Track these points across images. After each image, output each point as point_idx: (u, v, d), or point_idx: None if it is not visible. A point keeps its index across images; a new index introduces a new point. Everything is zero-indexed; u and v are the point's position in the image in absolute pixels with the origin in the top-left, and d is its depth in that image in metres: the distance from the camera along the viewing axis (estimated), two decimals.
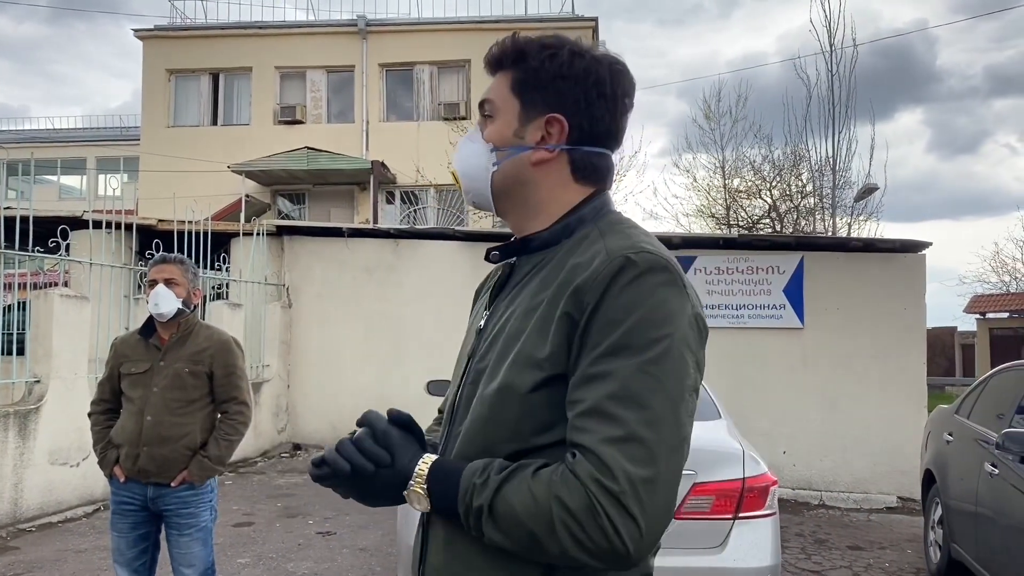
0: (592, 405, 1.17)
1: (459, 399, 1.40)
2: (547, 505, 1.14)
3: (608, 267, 1.22)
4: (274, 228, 11.37)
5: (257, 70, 20.94)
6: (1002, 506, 4.95)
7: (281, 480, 9.06)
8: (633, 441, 1.14)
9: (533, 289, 1.34)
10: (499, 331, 1.36)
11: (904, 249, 9.55)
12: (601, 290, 1.21)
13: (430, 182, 19.37)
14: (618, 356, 1.18)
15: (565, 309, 1.24)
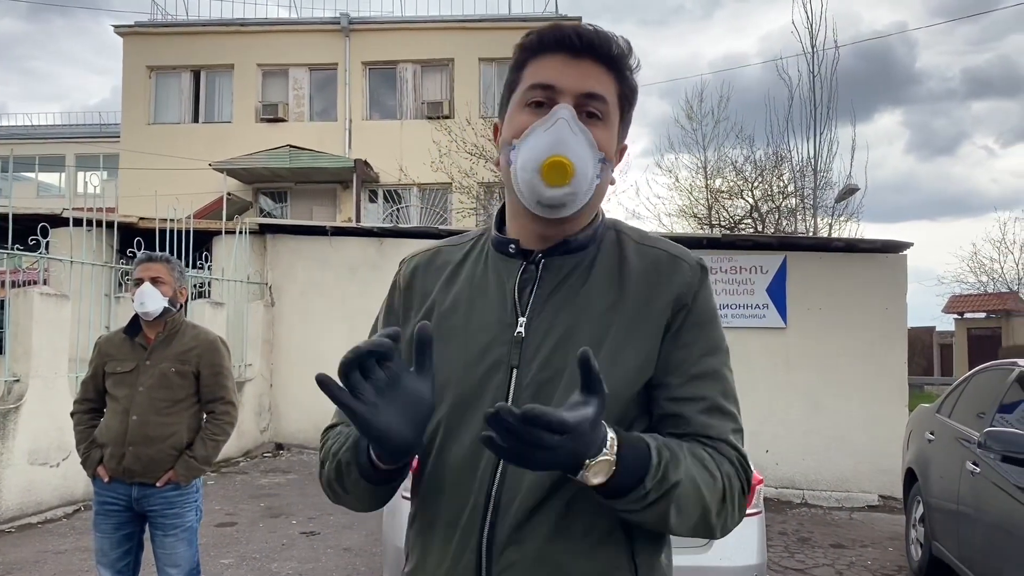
0: (713, 403, 1.31)
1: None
2: (721, 483, 1.25)
3: (696, 275, 1.36)
4: (257, 226, 11.30)
5: (239, 68, 20.81)
6: (984, 504, 5.00)
7: (264, 480, 9.01)
8: (742, 432, 1.35)
9: (591, 294, 1.34)
10: (563, 339, 1.30)
11: (886, 249, 9.62)
12: (693, 296, 1.34)
13: (413, 181, 19.33)
14: (713, 355, 1.34)
15: (666, 316, 1.32)
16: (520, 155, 1.31)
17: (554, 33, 1.33)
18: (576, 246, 1.37)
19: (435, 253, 1.52)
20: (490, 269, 1.42)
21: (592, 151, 1.30)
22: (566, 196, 1.29)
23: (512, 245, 1.40)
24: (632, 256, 1.37)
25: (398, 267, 1.56)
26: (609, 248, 1.39)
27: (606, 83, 1.33)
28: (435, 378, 1.28)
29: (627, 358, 1.29)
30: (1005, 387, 5.53)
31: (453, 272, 1.46)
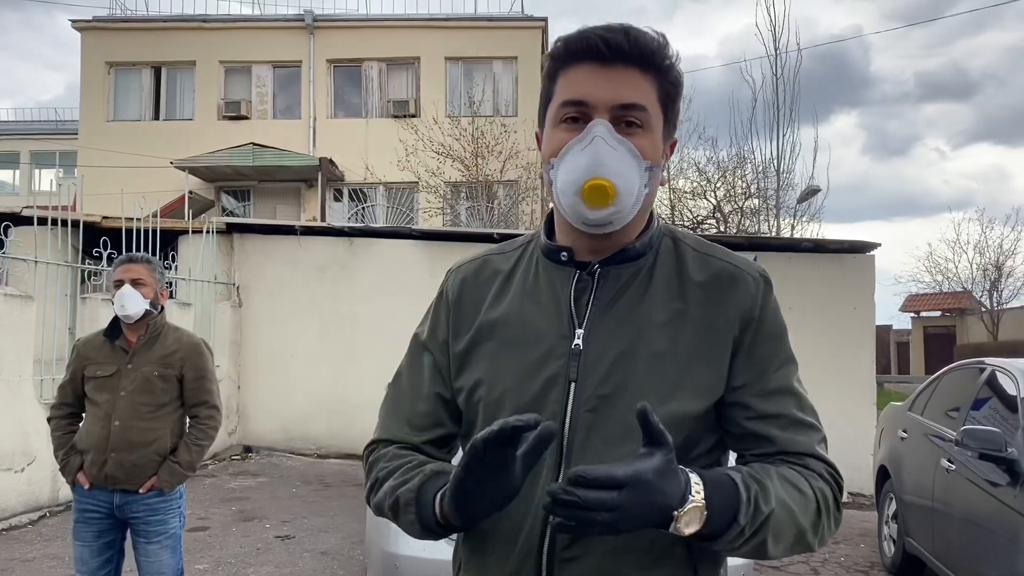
0: (795, 418, 1.30)
1: (572, 430, 1.25)
2: (814, 500, 1.24)
3: (761, 288, 1.32)
4: (224, 226, 11.12)
5: (201, 64, 20.50)
6: (959, 501, 5.08)
7: (234, 483, 8.88)
8: (825, 440, 1.33)
9: (651, 305, 1.29)
10: (625, 353, 1.26)
11: (853, 250, 9.77)
12: (760, 309, 1.31)
13: (379, 180, 19.20)
14: (785, 367, 1.32)
15: (733, 331, 1.29)
16: (559, 176, 1.26)
17: (580, 41, 1.26)
18: (633, 254, 1.33)
19: (482, 263, 1.46)
20: (542, 278, 1.37)
21: (636, 162, 1.25)
22: (611, 216, 1.26)
23: (564, 253, 1.34)
24: (692, 265, 1.33)
25: (445, 277, 1.50)
26: (667, 256, 1.34)
27: (643, 87, 1.26)
28: (489, 390, 1.31)
29: (695, 377, 1.26)
30: (977, 386, 5.64)
31: (504, 283, 1.40)
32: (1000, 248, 30.30)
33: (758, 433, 1.28)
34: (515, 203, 18.18)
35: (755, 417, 1.28)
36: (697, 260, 1.34)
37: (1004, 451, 4.54)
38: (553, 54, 1.31)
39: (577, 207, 1.25)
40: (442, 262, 10.04)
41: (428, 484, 1.26)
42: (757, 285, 1.31)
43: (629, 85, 1.25)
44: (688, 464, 1.19)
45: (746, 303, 1.29)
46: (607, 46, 1.24)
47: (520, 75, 20.46)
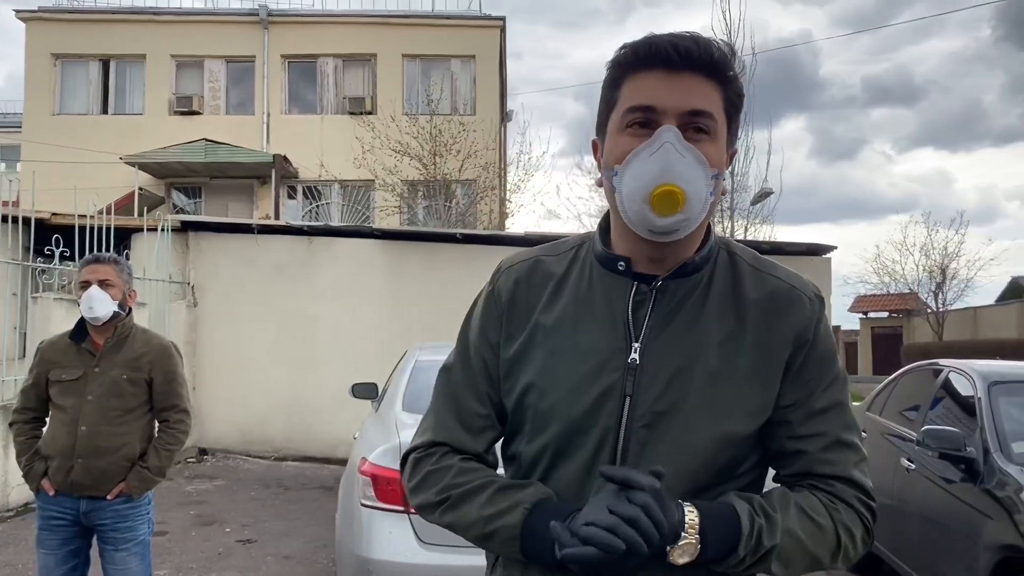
0: (836, 438, 1.31)
1: (624, 443, 1.27)
2: (833, 532, 1.25)
3: (815, 309, 1.33)
4: (179, 224, 10.90)
5: (151, 57, 20.08)
6: (919, 499, 5.21)
7: (190, 487, 8.71)
8: (865, 460, 1.33)
9: (708, 322, 1.30)
10: (681, 371, 1.27)
11: (811, 252, 9.96)
12: (813, 331, 1.31)
13: (335, 177, 19.00)
14: (832, 388, 1.32)
15: (786, 353, 1.30)
16: (625, 182, 1.24)
17: (650, 47, 1.25)
18: (692, 269, 1.32)
19: (535, 263, 1.43)
20: (596, 286, 1.35)
21: (703, 170, 1.23)
22: (679, 223, 1.24)
23: (622, 263, 1.33)
24: (748, 282, 1.33)
25: (494, 274, 1.47)
26: (723, 271, 1.34)
27: (711, 95, 1.26)
28: (540, 398, 1.31)
29: (749, 398, 1.28)
30: (935, 387, 5.77)
31: (557, 286, 1.38)
32: (945, 251, 31.14)
33: (798, 451, 1.31)
34: (473, 202, 18.14)
35: (797, 436, 1.30)
36: (753, 277, 1.34)
37: (963, 450, 4.66)
38: (619, 60, 1.30)
39: (645, 214, 1.23)
40: (404, 262, 10.01)
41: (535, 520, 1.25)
42: (812, 307, 1.32)
43: (698, 92, 1.25)
44: (731, 480, 1.28)
45: (800, 325, 1.30)
46: (677, 52, 1.23)
47: (478, 74, 20.43)
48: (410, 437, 1.46)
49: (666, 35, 1.26)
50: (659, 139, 1.22)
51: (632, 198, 1.24)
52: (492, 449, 1.44)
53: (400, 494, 3.98)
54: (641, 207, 1.23)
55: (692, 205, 1.23)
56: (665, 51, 1.24)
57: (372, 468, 4.06)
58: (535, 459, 1.33)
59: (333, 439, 9.87)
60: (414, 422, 4.56)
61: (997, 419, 4.73)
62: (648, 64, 1.26)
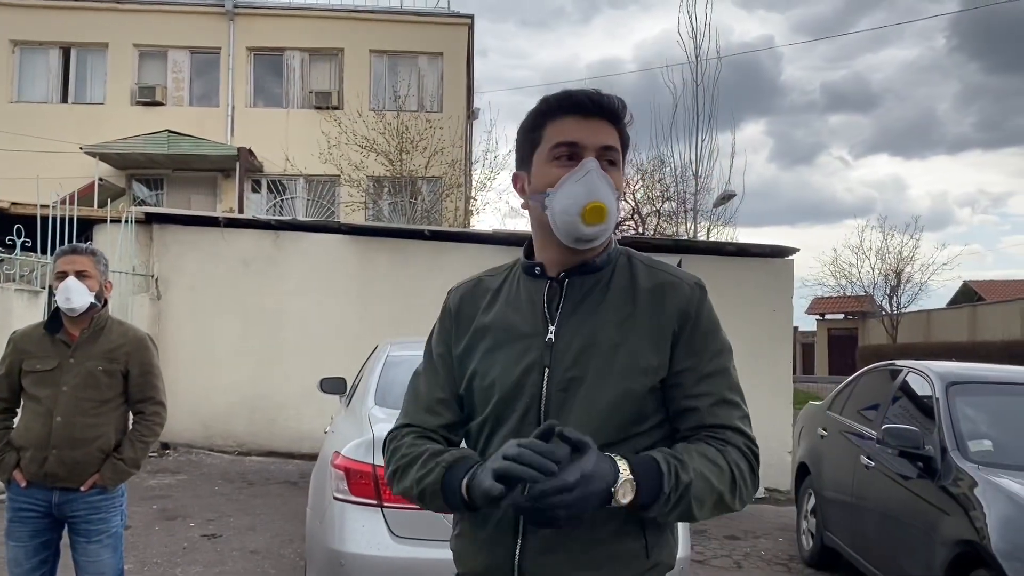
0: (721, 396, 1.61)
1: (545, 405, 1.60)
2: (729, 470, 1.53)
3: (695, 293, 1.65)
4: (143, 215, 10.76)
5: (114, 46, 19.75)
6: (878, 495, 5.36)
7: (153, 481, 8.62)
8: (747, 417, 1.64)
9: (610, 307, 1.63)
10: (588, 344, 1.60)
11: (774, 254, 10.12)
12: (696, 310, 1.64)
13: (300, 172, 18.85)
14: (719, 356, 1.64)
15: (672, 326, 1.62)
16: (557, 202, 1.59)
17: (570, 99, 1.62)
18: (594, 267, 1.67)
19: (477, 283, 1.81)
20: (522, 289, 1.71)
21: (614, 192, 1.60)
22: (601, 232, 1.59)
23: (537, 268, 1.69)
24: (642, 277, 1.67)
25: (447, 297, 1.84)
26: (622, 269, 1.68)
27: (614, 136, 1.64)
28: (483, 378, 1.67)
29: (643, 360, 1.58)
30: (894, 387, 5.94)
31: (493, 296, 1.75)
32: (899, 255, 31.80)
33: (690, 408, 1.60)
34: (439, 199, 18.13)
35: (689, 395, 1.60)
36: (646, 272, 1.68)
37: (922, 448, 4.81)
38: (541, 109, 1.65)
39: (575, 225, 1.57)
40: (371, 257, 9.99)
41: (449, 476, 1.58)
42: (692, 292, 1.65)
43: (606, 133, 1.63)
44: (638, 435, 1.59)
45: (682, 304, 1.62)
46: (591, 102, 1.61)
47: (445, 71, 20.41)
48: (383, 431, 1.84)
49: (579, 90, 1.63)
50: (585, 167, 1.59)
51: (566, 212, 1.58)
52: (457, 431, 1.76)
53: (372, 488, 4.01)
54: (574, 220, 1.57)
55: (611, 218, 1.59)
56: (582, 101, 1.61)
57: (345, 462, 4.08)
58: (479, 430, 1.69)
59: (298, 434, 9.84)
60: (386, 416, 4.61)
61: (954, 418, 4.88)
62: (568, 111, 1.62)
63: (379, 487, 3.98)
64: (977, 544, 4.05)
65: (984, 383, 5.46)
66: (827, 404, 7.08)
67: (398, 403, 5.40)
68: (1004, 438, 4.88)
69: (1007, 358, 17.31)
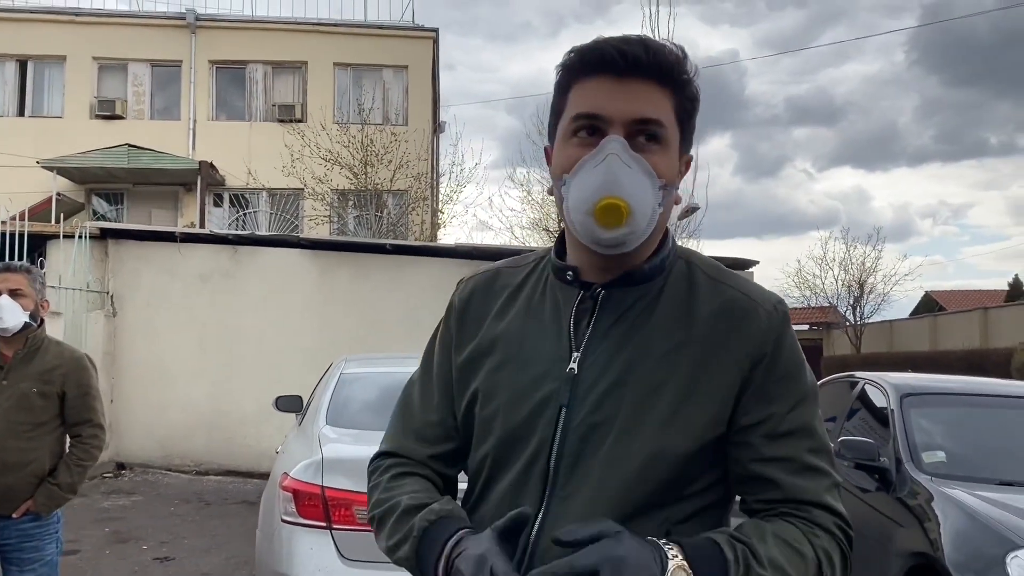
0: (805, 462, 1.22)
1: (556, 455, 1.23)
2: (815, 559, 1.17)
3: (773, 322, 1.24)
4: (97, 231, 10.57)
5: (72, 59, 19.45)
6: None
7: (106, 503, 8.42)
8: (838, 486, 1.26)
9: (653, 333, 1.24)
10: (618, 382, 1.22)
11: (735, 267, 10.12)
12: (773, 345, 1.23)
13: (263, 185, 18.67)
14: (802, 407, 1.24)
15: (737, 370, 1.21)
16: (571, 193, 1.21)
17: (596, 52, 1.21)
18: (640, 278, 1.27)
19: (494, 275, 1.41)
20: (548, 295, 1.33)
21: (650, 181, 1.19)
22: (624, 236, 1.20)
23: (570, 272, 1.29)
24: (704, 293, 1.26)
25: (455, 288, 1.45)
26: (678, 281, 1.28)
27: (660, 101, 1.22)
28: (484, 404, 1.30)
29: (691, 412, 1.20)
30: (851, 399, 5.95)
31: (511, 296, 1.36)
32: (863, 266, 32.16)
33: (762, 476, 1.22)
34: (405, 213, 18.04)
35: (760, 459, 1.22)
36: (709, 287, 1.27)
37: (877, 460, 4.81)
38: (565, 65, 1.25)
39: (589, 226, 1.19)
40: (332, 272, 9.89)
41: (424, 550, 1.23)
42: (771, 320, 1.24)
43: (646, 99, 1.20)
44: (678, 501, 1.21)
45: (757, 339, 1.22)
46: (624, 58, 1.19)
47: (411, 84, 20.36)
48: (333, 452, 1.49)
49: (615, 38, 1.21)
50: (603, 150, 1.18)
51: (577, 210, 1.20)
52: (456, 462, 1.41)
53: (321, 510, 3.92)
54: (586, 219, 1.19)
55: (637, 219, 1.19)
56: (611, 56, 1.19)
57: (293, 483, 3.99)
58: (478, 469, 1.32)
59: (256, 452, 9.68)
60: (338, 436, 4.52)
61: (908, 430, 4.90)
62: (595, 70, 1.21)
63: (328, 509, 3.88)
64: (931, 556, 4.04)
65: (938, 394, 5.49)
66: None
67: (352, 422, 5.31)
68: (958, 449, 4.90)
69: (967, 367, 17.56)
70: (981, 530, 3.96)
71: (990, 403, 5.46)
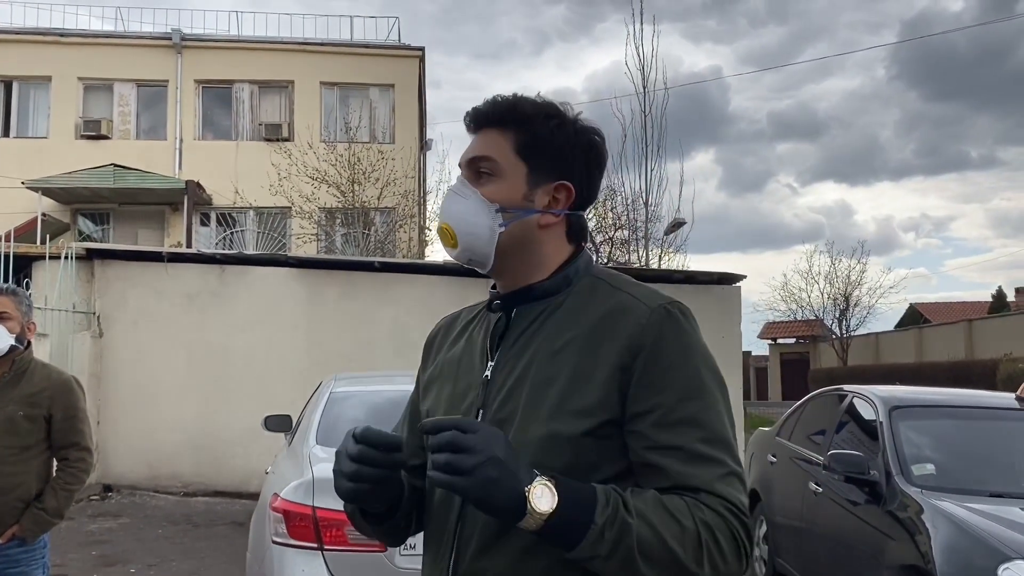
0: (694, 451, 1.28)
1: None
2: (695, 530, 1.22)
3: (658, 317, 1.34)
4: (83, 251, 10.51)
5: (57, 80, 19.41)
6: (826, 521, 5.37)
7: (93, 526, 8.33)
8: (733, 475, 1.29)
9: (548, 336, 1.39)
10: (519, 380, 1.38)
11: (722, 281, 10.22)
12: (653, 339, 1.32)
13: (250, 204, 18.64)
14: (692, 400, 1.31)
15: (616, 359, 1.32)
16: None
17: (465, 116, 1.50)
18: (541, 293, 1.44)
19: (458, 315, 1.65)
20: (483, 324, 1.54)
21: (483, 205, 1.41)
22: (465, 255, 1.44)
23: (498, 300, 1.50)
24: (600, 299, 1.40)
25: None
26: (580, 293, 1.43)
27: (498, 142, 1.44)
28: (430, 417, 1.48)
29: (577, 397, 1.31)
30: (839, 412, 5.98)
31: (462, 330, 1.59)
32: (848, 279, 32.37)
33: (653, 464, 1.29)
34: (392, 230, 18.03)
35: (651, 447, 1.29)
36: (607, 293, 1.41)
37: (867, 474, 4.83)
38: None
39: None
40: (320, 290, 9.85)
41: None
42: (652, 315, 1.34)
43: (483, 143, 1.45)
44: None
45: (636, 331, 1.32)
46: (469, 116, 1.48)
47: (397, 103, 20.41)
48: (324, 472, 1.69)
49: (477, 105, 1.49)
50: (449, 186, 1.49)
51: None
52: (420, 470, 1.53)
53: (312, 531, 3.89)
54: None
55: (468, 238, 1.42)
56: (466, 117, 1.49)
57: (284, 504, 3.97)
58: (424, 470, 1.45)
59: (245, 473, 9.59)
60: (329, 456, 4.49)
61: (898, 443, 4.92)
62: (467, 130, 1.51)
63: (319, 530, 3.86)
64: (922, 569, 4.06)
65: (927, 407, 5.52)
66: (776, 430, 7.12)
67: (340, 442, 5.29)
68: (947, 461, 4.93)
69: (952, 379, 17.65)
70: (972, 542, 3.97)
71: (978, 415, 5.49)
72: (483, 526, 1.33)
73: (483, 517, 1.30)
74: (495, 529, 1.31)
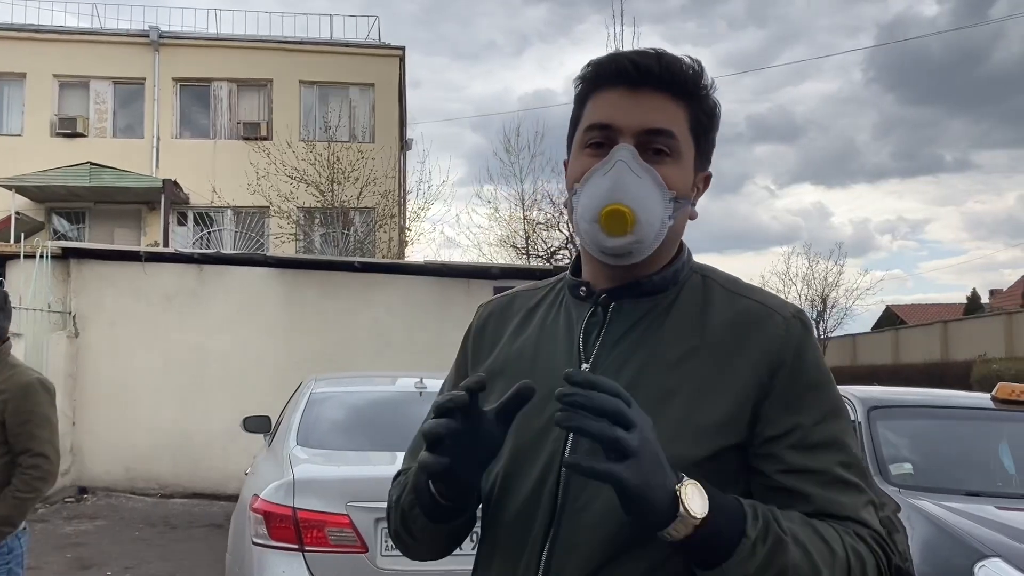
0: (837, 475, 1.16)
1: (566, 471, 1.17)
2: (844, 559, 1.09)
3: (791, 330, 1.20)
4: (59, 250, 10.39)
5: (32, 77, 19.21)
6: None
7: (68, 528, 8.24)
8: (875, 505, 1.20)
9: (663, 341, 1.22)
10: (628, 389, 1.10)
11: None
12: (793, 354, 1.19)
13: (227, 203, 18.51)
14: (830, 421, 1.19)
15: (751, 375, 1.17)
16: (580, 201, 1.21)
17: (611, 64, 1.22)
18: (650, 288, 1.25)
19: (511, 299, 1.42)
20: (562, 313, 1.32)
21: (660, 191, 1.19)
22: (630, 245, 1.19)
23: (583, 288, 1.29)
24: (719, 304, 1.24)
25: (475, 312, 1.46)
26: (691, 293, 1.26)
27: (673, 113, 1.22)
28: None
29: (703, 418, 1.16)
30: None
31: (525, 317, 1.36)
32: (825, 281, 32.63)
33: (791, 488, 1.15)
34: (372, 230, 17.97)
35: (788, 471, 1.15)
36: (725, 299, 1.25)
37: None
38: (583, 77, 1.27)
39: (595, 234, 1.19)
40: (299, 291, 9.79)
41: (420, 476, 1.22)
42: (790, 327, 1.20)
43: (658, 110, 1.21)
44: None
45: (774, 345, 1.18)
46: (636, 69, 1.20)
47: (377, 102, 20.35)
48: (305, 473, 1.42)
49: (631, 51, 1.24)
50: (612, 158, 1.18)
51: (584, 217, 1.20)
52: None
53: (293, 532, 3.87)
54: (591, 227, 1.19)
55: (642, 227, 1.18)
56: (625, 67, 1.21)
57: (264, 505, 3.93)
58: (491, 487, 1.27)
59: (223, 474, 9.52)
60: (308, 457, 4.48)
61: (876, 443, 4.95)
62: (608, 81, 1.23)
63: (300, 531, 3.84)
64: (899, 568, 4.08)
65: (904, 407, 5.56)
66: None
67: (322, 443, 5.26)
68: (924, 461, 4.97)
69: (928, 379, 17.83)
70: (949, 540, 4.01)
71: (955, 415, 5.54)
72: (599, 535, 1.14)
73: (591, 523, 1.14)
74: (619, 539, 1.13)
